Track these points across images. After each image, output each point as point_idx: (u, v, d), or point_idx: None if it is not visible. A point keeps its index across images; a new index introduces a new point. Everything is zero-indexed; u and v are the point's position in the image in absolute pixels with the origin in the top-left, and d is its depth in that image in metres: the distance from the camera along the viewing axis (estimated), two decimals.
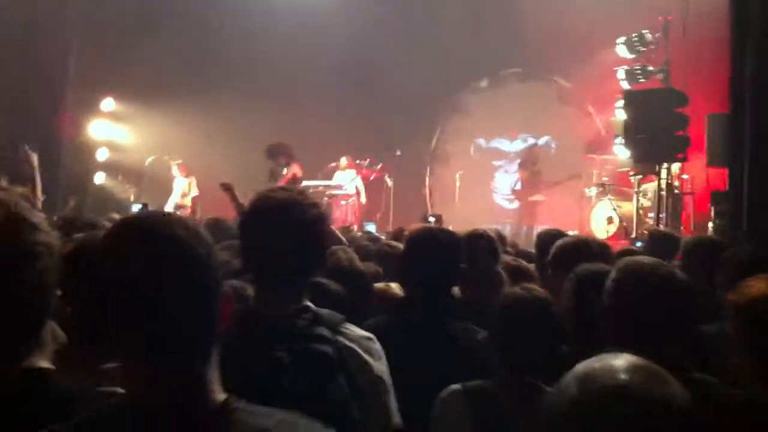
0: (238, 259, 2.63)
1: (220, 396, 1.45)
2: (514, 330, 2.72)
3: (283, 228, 2.30)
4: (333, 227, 5.51)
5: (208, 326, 1.45)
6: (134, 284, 1.38)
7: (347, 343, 2.30)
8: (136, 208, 8.37)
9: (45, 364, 1.78)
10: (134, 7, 13.99)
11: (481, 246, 3.82)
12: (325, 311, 2.34)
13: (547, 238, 4.62)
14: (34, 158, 6.47)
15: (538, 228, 12.50)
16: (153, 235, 1.42)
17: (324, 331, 2.26)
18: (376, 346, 2.42)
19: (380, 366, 2.39)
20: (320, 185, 14.14)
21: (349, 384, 2.24)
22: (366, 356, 2.33)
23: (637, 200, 11.35)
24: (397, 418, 2.43)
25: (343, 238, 5.39)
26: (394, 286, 3.73)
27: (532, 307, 2.73)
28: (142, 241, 1.42)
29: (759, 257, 3.58)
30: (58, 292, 1.81)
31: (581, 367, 1.35)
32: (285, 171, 11.23)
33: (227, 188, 7.59)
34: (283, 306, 2.28)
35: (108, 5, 13.68)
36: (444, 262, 3.25)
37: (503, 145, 16.47)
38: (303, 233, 2.33)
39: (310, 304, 2.34)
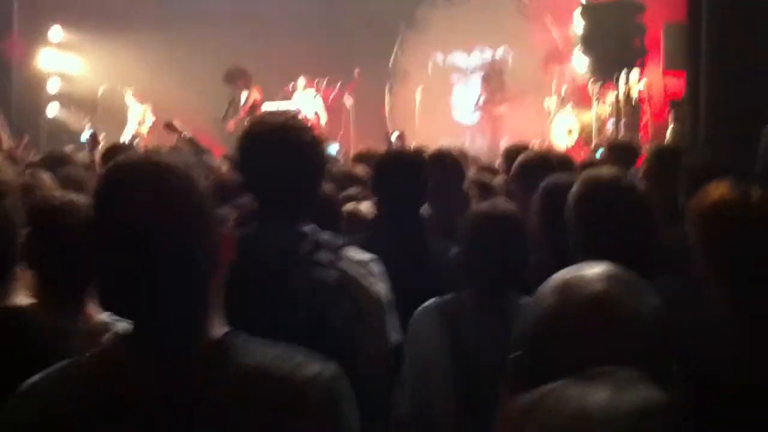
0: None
1: (219, 331, 1.44)
2: (483, 244, 2.78)
3: (283, 151, 2.31)
4: None
5: (207, 259, 1.43)
6: (134, 225, 1.36)
7: (348, 266, 2.32)
8: (85, 135, 8.13)
9: (24, 301, 1.80)
10: None
11: (447, 164, 3.86)
12: (325, 235, 2.36)
13: (514, 152, 4.68)
14: None
15: (503, 142, 12.63)
16: (152, 177, 1.40)
17: (325, 257, 2.28)
18: (378, 267, 2.44)
19: (381, 286, 2.42)
20: (279, 108, 14.00)
21: (351, 308, 2.28)
22: (367, 279, 2.37)
23: (596, 110, 11.42)
24: (396, 335, 2.49)
25: None
26: (363, 208, 3.77)
27: (500, 221, 2.79)
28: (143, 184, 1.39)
29: (715, 164, 3.67)
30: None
31: (558, 277, 1.37)
32: (244, 96, 11.05)
33: (170, 127, 7.46)
34: (284, 231, 2.30)
35: None
36: (411, 182, 3.29)
37: (460, 60, 16.34)
38: (302, 156, 2.34)
39: (309, 229, 2.34)
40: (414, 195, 3.30)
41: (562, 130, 12.41)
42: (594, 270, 1.35)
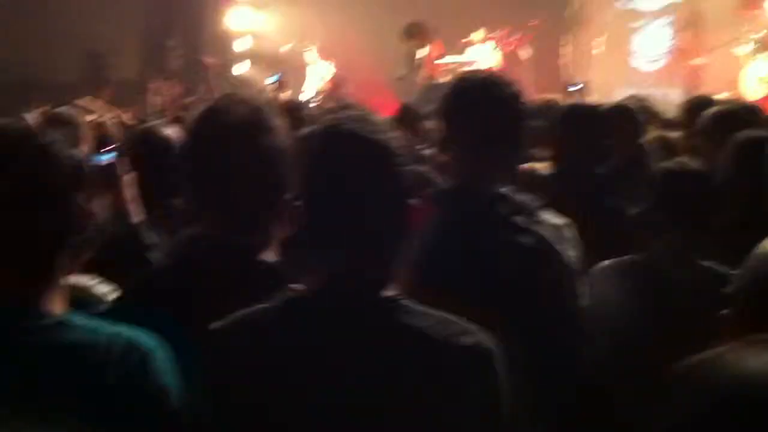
0: None
1: (389, 292, 1.58)
2: (670, 203, 2.73)
3: (489, 106, 2.36)
4: None
5: (399, 220, 1.59)
6: (342, 182, 1.55)
7: (544, 231, 2.34)
8: (274, 78, 8.52)
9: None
10: None
11: (626, 119, 3.79)
12: (523, 197, 2.39)
13: (696, 105, 4.51)
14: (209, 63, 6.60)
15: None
16: (357, 139, 1.57)
17: (523, 220, 2.31)
18: (572, 232, 2.45)
19: (573, 253, 2.42)
20: (456, 61, 13.98)
21: (545, 272, 2.32)
22: (562, 245, 2.38)
23: None
24: (584, 301, 2.51)
25: None
26: (539, 167, 3.77)
27: (688, 180, 2.73)
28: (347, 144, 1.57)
29: None
30: None
31: None
32: (422, 52, 11.00)
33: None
34: (485, 191, 2.35)
35: None
36: (589, 138, 3.28)
37: (643, 4, 15.58)
38: (507, 111, 2.39)
39: (508, 190, 2.38)
40: (592, 150, 3.28)
41: (756, 79, 11.66)
42: None
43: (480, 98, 2.38)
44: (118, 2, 13.15)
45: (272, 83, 8.48)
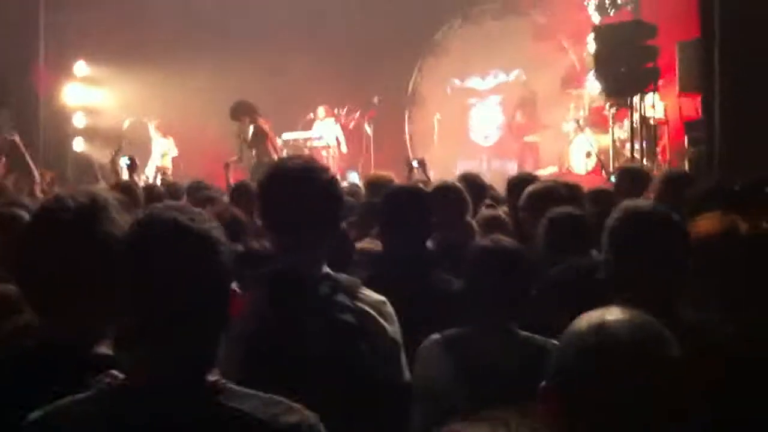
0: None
1: (212, 377, 1.59)
2: (484, 279, 2.86)
3: (303, 193, 2.42)
4: None
5: (219, 307, 1.61)
6: (150, 274, 1.56)
7: (365, 308, 2.41)
8: (124, 161, 8.45)
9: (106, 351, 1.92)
10: None
11: (451, 198, 3.95)
12: (343, 276, 2.46)
13: (518, 182, 4.77)
14: (17, 139, 6.40)
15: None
16: (176, 230, 1.58)
17: (344, 298, 2.38)
18: (390, 309, 2.51)
19: (394, 328, 2.49)
20: (300, 137, 14.19)
21: (368, 349, 2.37)
22: (382, 320, 2.44)
23: (613, 133, 11.45)
24: (407, 374, 2.57)
25: None
26: (370, 245, 3.85)
27: (500, 256, 2.87)
28: (165, 237, 1.58)
29: (713, 191, 3.73)
30: None
31: (593, 318, 1.46)
32: (251, 130, 11.25)
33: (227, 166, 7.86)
34: (304, 270, 2.40)
35: None
36: (415, 216, 3.39)
37: (476, 83, 16.45)
38: (322, 197, 2.46)
39: (328, 269, 2.45)
40: (418, 227, 3.39)
41: (581, 153, 12.45)
42: (622, 316, 1.44)
43: (292, 184, 2.45)
44: None
45: (124, 166, 8.38)
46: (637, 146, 10.47)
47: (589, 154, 12.25)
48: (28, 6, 13.46)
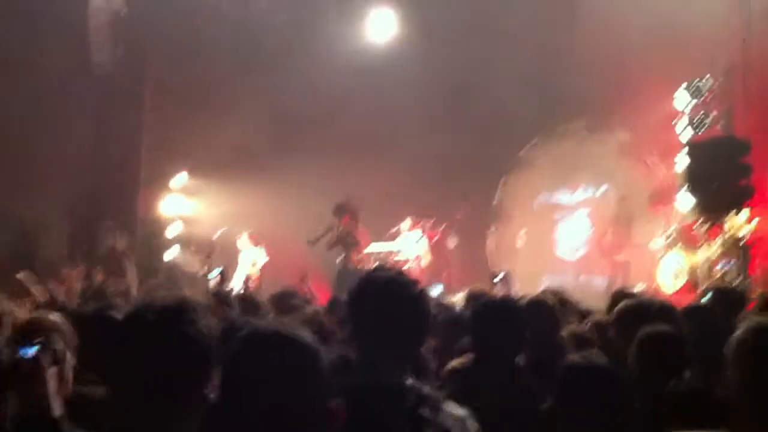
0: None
1: None
2: (575, 399, 2.81)
3: (393, 305, 2.48)
4: None
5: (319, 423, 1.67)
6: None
7: (448, 422, 2.41)
8: (215, 273, 8.76)
9: None
10: (198, 86, 14.53)
11: (542, 313, 3.93)
12: (426, 389, 2.48)
13: (621, 298, 4.70)
14: (122, 242, 6.70)
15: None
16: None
17: (428, 412, 2.38)
18: (473, 424, 2.51)
19: None
20: (384, 249, 14.33)
21: None
22: None
23: (705, 252, 11.20)
24: None
25: None
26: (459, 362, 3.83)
27: (592, 376, 2.83)
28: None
29: None
30: None
31: None
32: (343, 232, 11.54)
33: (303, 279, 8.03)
34: (390, 384, 2.43)
35: (175, 83, 14.23)
36: (506, 331, 3.38)
37: (564, 197, 16.46)
38: (410, 310, 2.51)
39: (412, 381, 2.46)
40: (509, 343, 3.37)
41: (670, 272, 12.18)
42: None
43: (382, 295, 2.51)
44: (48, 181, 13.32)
45: (215, 276, 8.68)
46: (728, 265, 10.21)
47: (678, 273, 11.96)
48: (130, 123, 14.25)
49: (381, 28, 15.42)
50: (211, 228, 15.17)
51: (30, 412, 2.44)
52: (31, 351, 2.57)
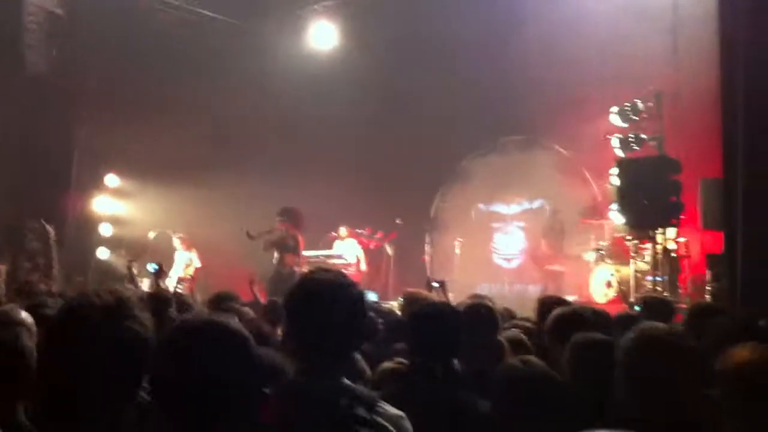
0: None
1: None
2: (514, 403, 2.82)
3: (330, 307, 2.47)
4: None
5: (248, 409, 1.66)
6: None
7: (383, 422, 2.41)
8: (152, 267, 8.58)
9: None
10: (135, 88, 14.29)
11: (481, 317, 3.94)
12: (361, 390, 2.49)
13: (549, 305, 4.76)
14: (52, 233, 6.55)
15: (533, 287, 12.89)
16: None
17: (363, 412, 2.38)
18: (408, 424, 2.51)
19: None
20: (321, 255, 14.29)
21: None
22: None
23: (635, 264, 11.47)
24: None
25: None
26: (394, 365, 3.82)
27: (530, 380, 2.85)
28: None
29: (746, 326, 3.70)
30: None
31: None
32: (278, 235, 11.52)
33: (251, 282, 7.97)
34: (325, 383, 2.42)
35: (112, 84, 13.99)
36: (444, 334, 3.38)
37: (501, 208, 16.68)
38: (348, 312, 2.50)
39: (348, 382, 2.47)
40: (446, 346, 3.37)
41: (601, 283, 12.42)
42: None
43: (320, 297, 2.49)
44: None
45: (152, 273, 8.51)
46: (658, 278, 10.45)
47: (609, 284, 12.21)
48: (60, 123, 13.94)
49: (321, 39, 15.38)
50: (142, 230, 14.96)
51: None
52: None
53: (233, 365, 1.63)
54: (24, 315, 2.69)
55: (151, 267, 8.54)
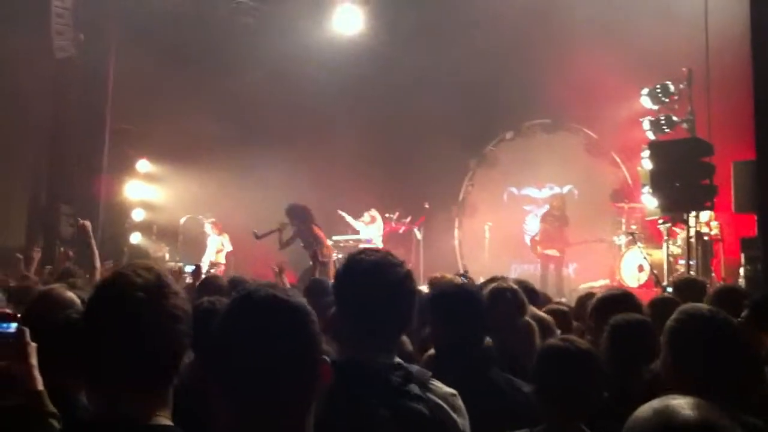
0: None
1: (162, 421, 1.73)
2: (557, 380, 2.83)
3: (380, 284, 2.46)
4: None
5: (310, 379, 1.67)
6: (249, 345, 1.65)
7: (436, 400, 2.40)
8: (190, 267, 8.73)
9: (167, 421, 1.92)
10: (168, 72, 14.35)
11: (506, 298, 3.91)
12: (414, 368, 2.48)
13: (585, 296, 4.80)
14: (88, 227, 6.61)
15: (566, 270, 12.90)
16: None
17: (416, 389, 2.38)
18: (460, 402, 2.50)
19: (465, 422, 2.47)
20: (350, 239, 14.34)
21: None
22: (453, 413, 2.43)
23: (667, 248, 11.38)
24: None
25: None
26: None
27: (573, 358, 2.85)
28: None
29: None
30: None
31: (657, 404, 1.50)
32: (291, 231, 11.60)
33: (281, 271, 7.97)
34: (377, 360, 2.42)
35: (145, 70, 14.05)
36: (467, 315, 3.36)
37: (533, 192, 16.64)
38: (397, 291, 2.49)
39: (400, 360, 2.46)
40: (471, 327, 3.35)
41: (633, 267, 12.35)
42: (685, 401, 1.47)
43: (369, 275, 2.49)
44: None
45: (190, 273, 8.61)
46: (692, 262, 10.36)
47: (641, 268, 12.13)
48: (93, 109, 14.07)
49: (347, 23, 15.34)
50: (174, 215, 15.08)
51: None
52: (12, 327, 2.51)
53: (294, 339, 1.64)
54: (71, 294, 2.74)
55: (189, 267, 8.67)
